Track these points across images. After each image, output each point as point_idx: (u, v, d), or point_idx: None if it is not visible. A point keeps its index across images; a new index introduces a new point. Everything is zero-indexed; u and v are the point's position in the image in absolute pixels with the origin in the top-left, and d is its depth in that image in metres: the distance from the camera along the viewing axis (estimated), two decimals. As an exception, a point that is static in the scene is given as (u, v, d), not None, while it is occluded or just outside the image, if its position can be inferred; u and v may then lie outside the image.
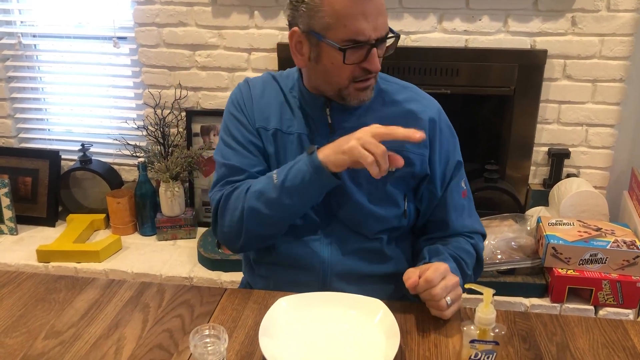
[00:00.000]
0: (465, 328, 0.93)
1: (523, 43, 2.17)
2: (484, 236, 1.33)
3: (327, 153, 1.10)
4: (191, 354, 1.01)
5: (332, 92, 1.17)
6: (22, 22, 2.52)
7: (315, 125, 1.22)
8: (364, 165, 1.05)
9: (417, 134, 1.05)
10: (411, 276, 1.09)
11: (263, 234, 1.22)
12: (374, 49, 1.09)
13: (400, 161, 1.08)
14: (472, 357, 0.92)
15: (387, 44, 1.15)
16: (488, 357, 0.92)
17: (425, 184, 1.25)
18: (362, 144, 1.05)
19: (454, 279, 1.10)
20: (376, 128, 1.07)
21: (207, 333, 0.94)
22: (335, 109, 1.20)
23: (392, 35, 1.13)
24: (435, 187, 1.25)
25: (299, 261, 1.24)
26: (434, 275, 1.07)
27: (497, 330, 0.92)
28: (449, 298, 1.08)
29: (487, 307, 0.91)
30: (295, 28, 1.14)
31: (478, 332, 0.91)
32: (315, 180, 1.12)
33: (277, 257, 1.26)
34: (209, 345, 0.93)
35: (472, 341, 0.92)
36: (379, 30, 1.09)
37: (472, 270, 1.27)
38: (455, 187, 1.27)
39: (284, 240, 1.25)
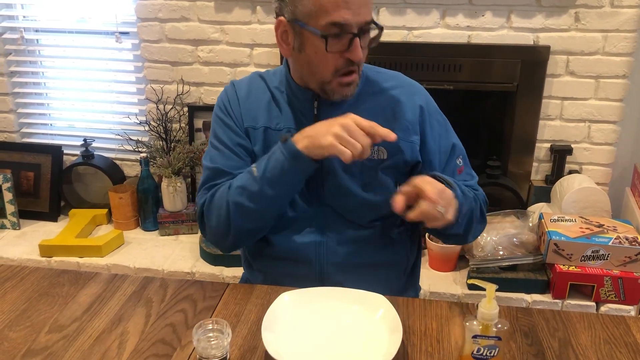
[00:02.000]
0: (467, 323, 0.93)
1: (526, 39, 2.16)
2: (485, 200, 1.31)
3: (305, 144, 1.10)
4: (194, 348, 1.01)
5: (316, 85, 1.17)
6: (24, 16, 2.52)
7: (304, 118, 1.22)
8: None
9: (392, 135, 1.06)
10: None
11: (251, 228, 1.22)
12: (357, 39, 1.09)
13: (391, 135, 1.07)
14: (475, 352, 0.92)
15: (371, 36, 1.16)
16: (490, 353, 0.92)
17: (419, 170, 1.24)
18: (340, 142, 1.05)
19: (440, 185, 1.07)
20: (358, 120, 1.07)
21: (210, 327, 0.95)
22: (324, 102, 1.20)
23: (375, 27, 1.14)
24: (433, 170, 1.24)
25: (295, 253, 1.24)
26: (422, 181, 1.06)
27: (499, 325, 0.92)
28: (440, 207, 1.04)
29: (489, 302, 0.91)
30: (282, 18, 1.15)
31: (480, 327, 0.91)
32: (294, 168, 1.12)
33: (273, 251, 1.26)
34: (212, 339, 0.93)
35: (475, 336, 0.92)
36: (361, 19, 1.09)
37: (476, 215, 1.24)
38: (451, 168, 1.27)
39: (278, 233, 1.25)
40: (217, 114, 1.28)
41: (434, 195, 1.04)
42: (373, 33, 1.16)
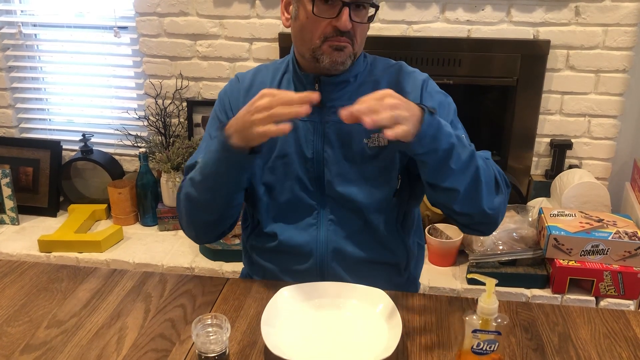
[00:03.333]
0: (467, 318, 0.93)
1: (526, 33, 2.15)
2: (506, 181, 1.20)
3: (232, 131, 1.05)
4: (193, 343, 1.01)
5: (308, 53, 1.16)
6: (22, 11, 2.51)
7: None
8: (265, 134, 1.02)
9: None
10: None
11: (206, 220, 1.22)
12: (346, 8, 1.10)
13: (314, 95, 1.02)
14: (475, 347, 0.92)
15: (369, 14, 1.16)
16: (490, 347, 0.92)
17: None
18: (252, 123, 1.01)
19: (392, 99, 0.98)
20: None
21: (209, 322, 0.94)
22: (325, 84, 1.20)
23: (370, 3, 1.14)
24: None
25: (295, 247, 1.24)
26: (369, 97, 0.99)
27: (499, 320, 0.92)
28: (393, 113, 0.96)
29: (489, 297, 0.91)
30: None
31: (480, 322, 0.91)
32: (225, 158, 1.09)
33: (274, 244, 1.26)
34: (211, 334, 0.93)
35: (475, 331, 0.92)
36: None
37: (485, 177, 1.11)
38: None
39: (280, 226, 1.25)
40: (215, 109, 1.30)
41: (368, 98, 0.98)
42: (370, 11, 1.16)
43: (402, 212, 1.27)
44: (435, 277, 2.06)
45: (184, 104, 2.44)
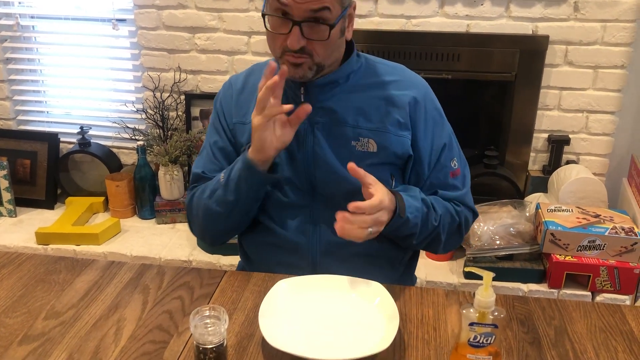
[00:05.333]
0: (464, 311, 0.93)
1: (525, 28, 2.15)
2: (474, 213, 1.31)
3: (251, 149, 1.14)
4: (191, 335, 1.01)
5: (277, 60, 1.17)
6: (20, 2, 2.50)
7: (294, 105, 1.21)
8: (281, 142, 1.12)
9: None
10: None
11: (222, 230, 1.29)
12: (296, 27, 1.09)
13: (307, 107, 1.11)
14: (471, 339, 0.93)
15: (323, 29, 1.11)
16: (487, 340, 0.92)
17: (412, 165, 1.24)
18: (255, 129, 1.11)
19: (384, 217, 1.09)
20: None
21: (207, 314, 0.94)
22: (311, 88, 1.19)
23: (323, 22, 1.10)
24: (422, 169, 1.24)
25: (287, 241, 1.24)
26: (370, 205, 1.06)
27: (496, 313, 0.92)
28: (371, 229, 1.07)
29: (486, 290, 0.91)
30: None
31: (477, 315, 0.92)
32: (249, 177, 1.15)
33: (266, 238, 1.27)
34: (209, 326, 0.93)
35: (471, 324, 0.92)
36: (305, 6, 1.07)
37: (447, 233, 1.24)
38: (441, 168, 1.25)
39: (272, 220, 1.26)
40: (211, 118, 1.34)
41: (369, 206, 1.06)
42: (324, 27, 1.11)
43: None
44: (432, 271, 2.07)
45: (182, 97, 2.44)
